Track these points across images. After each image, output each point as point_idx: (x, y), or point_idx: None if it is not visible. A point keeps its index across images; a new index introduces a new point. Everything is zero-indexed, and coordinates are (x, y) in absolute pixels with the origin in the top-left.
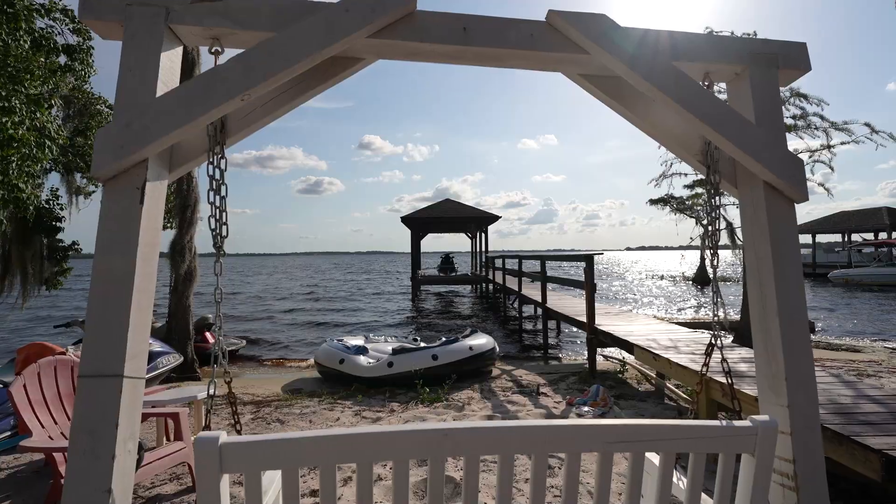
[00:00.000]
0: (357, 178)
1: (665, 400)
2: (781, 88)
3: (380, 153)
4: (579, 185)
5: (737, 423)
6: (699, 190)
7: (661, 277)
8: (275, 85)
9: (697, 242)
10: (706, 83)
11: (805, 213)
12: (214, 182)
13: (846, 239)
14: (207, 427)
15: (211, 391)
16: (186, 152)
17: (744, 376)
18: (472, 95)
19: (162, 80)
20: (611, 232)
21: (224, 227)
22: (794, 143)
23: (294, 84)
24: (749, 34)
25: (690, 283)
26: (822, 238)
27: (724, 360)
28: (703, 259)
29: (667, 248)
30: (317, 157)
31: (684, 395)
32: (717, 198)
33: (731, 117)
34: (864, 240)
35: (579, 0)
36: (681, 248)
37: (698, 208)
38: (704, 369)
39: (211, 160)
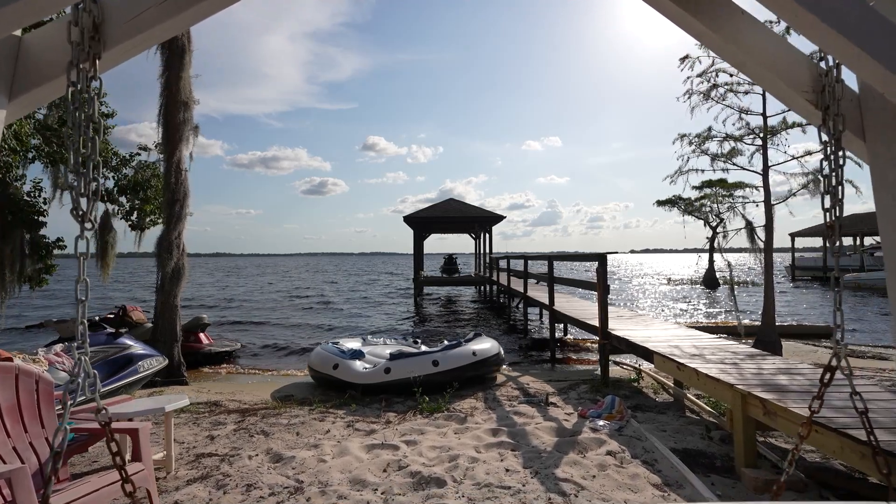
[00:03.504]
0: (361, 179)
1: (686, 412)
2: None
3: (384, 154)
4: (583, 186)
5: None
6: (708, 190)
7: (669, 281)
8: None
9: (715, 244)
10: None
11: (812, 216)
12: (80, 116)
13: (858, 242)
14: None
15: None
16: (42, 68)
17: (786, 391)
18: (476, 97)
19: None
20: (615, 234)
21: (94, 185)
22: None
23: None
24: None
25: (699, 286)
26: None
27: (854, 392)
28: (711, 262)
29: (671, 250)
30: (321, 159)
31: (707, 408)
32: (838, 153)
33: (877, 24)
34: (877, 243)
35: None
36: (686, 250)
37: (707, 210)
38: (818, 404)
39: (74, 80)
